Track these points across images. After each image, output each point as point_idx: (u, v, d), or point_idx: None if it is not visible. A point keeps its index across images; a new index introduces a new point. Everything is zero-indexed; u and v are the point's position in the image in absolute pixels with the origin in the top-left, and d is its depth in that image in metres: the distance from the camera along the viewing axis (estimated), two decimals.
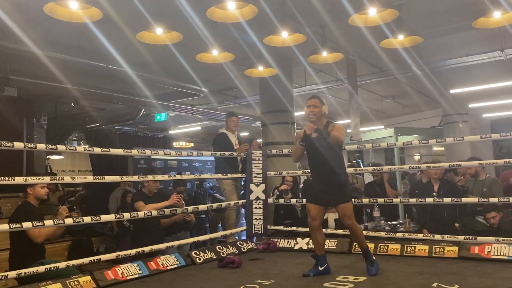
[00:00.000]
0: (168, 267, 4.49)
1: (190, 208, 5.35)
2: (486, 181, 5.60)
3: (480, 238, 4.59)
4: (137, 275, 4.17)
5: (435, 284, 3.48)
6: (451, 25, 6.69)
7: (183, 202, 5.12)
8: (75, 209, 4.68)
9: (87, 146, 12.17)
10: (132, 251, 4.51)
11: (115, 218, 4.95)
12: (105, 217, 4.68)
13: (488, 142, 12.09)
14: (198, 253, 4.93)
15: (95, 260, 4.23)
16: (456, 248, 4.56)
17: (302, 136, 4.13)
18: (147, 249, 4.54)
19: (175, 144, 15.35)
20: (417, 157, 12.80)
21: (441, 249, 4.62)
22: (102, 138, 12.22)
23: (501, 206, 5.08)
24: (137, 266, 4.27)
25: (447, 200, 4.91)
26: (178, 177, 6.13)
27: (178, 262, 4.64)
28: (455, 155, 9.75)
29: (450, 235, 4.76)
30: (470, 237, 4.64)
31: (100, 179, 4.57)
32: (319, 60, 6.46)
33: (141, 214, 4.68)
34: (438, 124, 12.86)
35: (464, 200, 5.07)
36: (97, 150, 4.64)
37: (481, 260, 4.33)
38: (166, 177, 5.53)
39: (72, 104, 9.02)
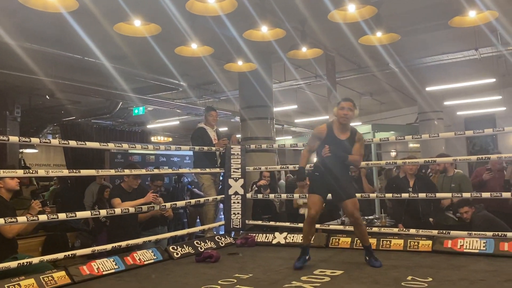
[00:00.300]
0: (145, 262, 4.45)
1: (168, 204, 5.31)
2: (455, 177, 5.71)
3: (453, 233, 4.70)
4: (113, 270, 4.12)
5: (409, 277, 3.55)
6: (428, 23, 6.82)
7: (160, 199, 5.07)
8: (48, 204, 4.57)
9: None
10: (109, 246, 4.44)
11: (91, 215, 4.86)
12: (80, 214, 4.60)
13: (462, 139, 12.42)
14: (175, 247, 4.90)
15: (70, 255, 4.15)
16: (430, 242, 4.66)
17: (324, 136, 4.21)
18: (123, 244, 4.49)
19: (153, 139, 15.20)
20: (393, 154, 13.02)
21: (416, 243, 4.71)
22: (78, 131, 11.99)
23: (473, 201, 5.21)
24: (113, 261, 4.21)
25: (422, 195, 5.01)
26: (156, 171, 6.05)
27: (155, 257, 4.60)
28: (430, 151, 9.94)
29: (425, 230, 4.86)
30: (444, 232, 4.75)
31: (76, 173, 4.48)
32: (298, 56, 6.48)
33: (117, 211, 4.61)
34: (414, 121, 13.11)
35: (439, 195, 5.18)
36: (73, 143, 4.53)
37: (454, 253, 4.44)
38: (143, 171, 5.43)
39: (47, 97, 8.83)
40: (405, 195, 5.15)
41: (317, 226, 5.62)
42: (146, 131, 14.62)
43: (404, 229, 5.00)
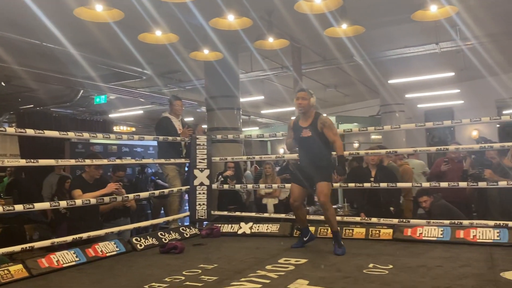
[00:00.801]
0: (107, 254, 4.35)
1: (131, 195, 5.20)
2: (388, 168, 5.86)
3: (412, 221, 4.86)
4: (74, 263, 4.00)
5: (371, 265, 3.65)
6: (392, 16, 6.95)
7: (123, 190, 4.95)
8: (1, 196, 4.38)
9: None
10: (69, 238, 4.31)
11: (51, 207, 4.69)
12: (39, 205, 4.43)
13: (422, 131, 12.82)
14: (139, 239, 4.81)
15: (28, 248, 3.99)
16: (390, 230, 4.80)
17: (292, 127, 4.48)
18: (84, 235, 4.37)
19: (115, 129, 14.83)
20: (356, 145, 13.29)
21: (377, 232, 4.84)
22: (37, 120, 11.51)
23: (432, 191, 5.39)
24: (74, 253, 4.10)
25: (383, 185, 5.14)
26: (118, 161, 5.90)
27: (117, 249, 4.51)
28: (392, 142, 10.22)
29: (386, 218, 5.00)
30: (404, 220, 4.90)
31: (34, 162, 4.30)
32: (265, 46, 6.47)
33: (78, 202, 4.47)
34: (377, 113, 13.42)
35: (400, 185, 5.33)
36: (30, 132, 4.34)
37: (413, 241, 4.59)
38: (105, 161, 5.29)
39: (3, 83, 8.41)
40: (367, 185, 5.26)
41: (283, 215, 5.69)
42: (108, 121, 14.24)
43: (366, 218, 5.12)
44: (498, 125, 12.09)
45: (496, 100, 11.72)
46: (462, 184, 5.03)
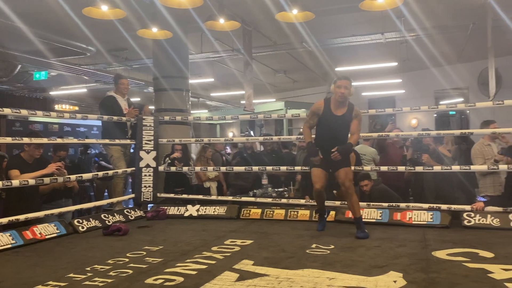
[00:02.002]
0: (47, 236, 4.20)
1: (73, 176, 5.00)
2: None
3: None
4: (9, 245, 3.83)
5: (314, 245, 3.78)
6: (341, 4, 7.09)
7: (64, 171, 4.75)
8: None
9: None
10: (4, 220, 4.11)
11: None
12: None
13: (365, 117, 13.26)
14: (81, 221, 4.67)
15: None
16: (333, 212, 4.98)
17: (321, 112, 4.35)
18: (22, 217, 4.18)
19: (57, 107, 14.16)
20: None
21: None
22: None
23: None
24: (9, 235, 3.91)
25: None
26: (60, 140, 5.62)
27: (58, 231, 4.36)
28: None
29: (329, 201, 5.16)
30: (345, 202, 5.09)
31: None
32: (216, 27, 6.38)
33: (15, 183, 4.24)
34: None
35: None
36: None
37: (353, 223, 4.77)
38: (45, 140, 5.02)
39: None
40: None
41: (230, 198, 5.73)
42: (49, 99, 13.57)
43: (311, 201, 5.26)
44: (435, 115, 12.77)
45: (435, 90, 12.35)
46: (401, 169, 5.30)
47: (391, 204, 4.91)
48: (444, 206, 4.72)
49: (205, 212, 5.41)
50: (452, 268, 3.03)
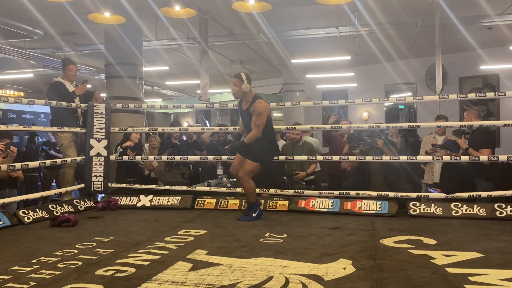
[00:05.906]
0: None
1: (18, 165, 4.77)
2: (304, 145, 6.21)
3: (307, 192, 5.18)
4: None
5: (267, 234, 3.83)
6: None
7: (12, 150, 4.49)
8: None
9: None
10: None
11: None
12: None
13: (319, 109, 13.59)
14: (26, 212, 4.48)
15: None
16: (286, 202, 5.07)
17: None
18: None
19: (0, 92, 13.38)
20: None
21: (274, 203, 5.08)
22: None
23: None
24: None
25: (282, 158, 5.38)
26: (3, 127, 5.33)
27: (1, 222, 4.16)
28: (291, 120, 10.64)
29: (282, 189, 5.25)
30: (299, 191, 5.20)
31: None
32: (171, 14, 6.26)
33: None
34: (279, 91, 13.86)
35: (297, 158, 5.58)
36: None
37: (306, 212, 4.90)
38: None
39: None
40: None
41: (184, 188, 5.67)
42: None
43: (265, 190, 5.31)
44: (385, 108, 13.22)
45: (385, 85, 12.77)
46: (352, 158, 5.46)
47: (341, 192, 5.07)
48: (391, 194, 4.92)
49: (158, 202, 5.34)
50: (398, 255, 3.17)
